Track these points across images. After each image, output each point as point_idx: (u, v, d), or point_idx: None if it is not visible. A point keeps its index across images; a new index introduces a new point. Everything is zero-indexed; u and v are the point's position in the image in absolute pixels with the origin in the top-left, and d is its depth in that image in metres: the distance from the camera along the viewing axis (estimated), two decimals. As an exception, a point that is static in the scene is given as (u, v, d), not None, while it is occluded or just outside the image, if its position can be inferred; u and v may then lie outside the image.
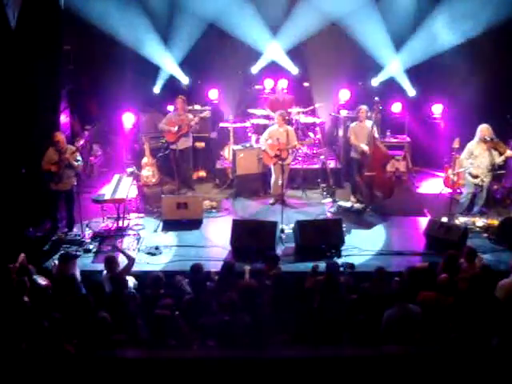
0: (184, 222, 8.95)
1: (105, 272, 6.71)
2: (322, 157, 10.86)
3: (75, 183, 8.65)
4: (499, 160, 8.87)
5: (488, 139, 8.74)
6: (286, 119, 9.90)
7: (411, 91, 11.65)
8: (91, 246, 8.27)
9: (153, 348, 5.08)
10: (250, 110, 11.51)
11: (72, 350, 5.08)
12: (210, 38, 11.58)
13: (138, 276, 6.97)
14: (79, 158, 8.61)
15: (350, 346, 5.34)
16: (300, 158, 10.84)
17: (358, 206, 9.62)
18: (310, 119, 11.30)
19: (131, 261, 6.82)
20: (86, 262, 7.86)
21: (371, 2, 11.17)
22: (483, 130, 8.81)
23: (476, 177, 8.88)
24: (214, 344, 5.11)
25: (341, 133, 11.29)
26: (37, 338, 5.16)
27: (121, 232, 8.69)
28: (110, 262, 6.64)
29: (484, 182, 8.94)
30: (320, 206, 9.89)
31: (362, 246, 8.31)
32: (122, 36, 11.02)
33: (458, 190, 9.50)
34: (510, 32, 10.34)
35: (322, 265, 6.81)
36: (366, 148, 9.28)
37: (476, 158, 8.86)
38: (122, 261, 6.95)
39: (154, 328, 5.31)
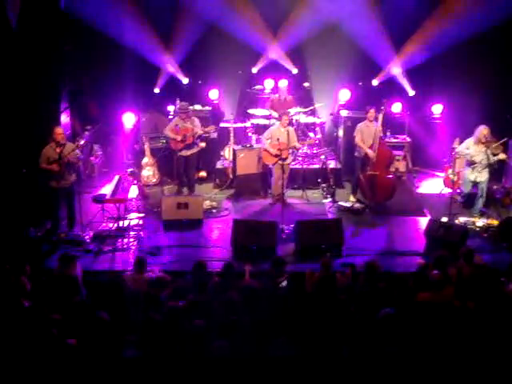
0: (184, 222, 8.96)
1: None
2: (322, 157, 10.87)
3: (75, 179, 8.64)
4: (492, 160, 8.93)
5: (488, 139, 8.83)
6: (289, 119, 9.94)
7: (411, 91, 11.67)
8: (91, 246, 8.27)
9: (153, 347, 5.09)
10: (250, 110, 11.52)
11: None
12: (210, 37, 11.59)
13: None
14: (77, 152, 8.55)
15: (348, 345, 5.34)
16: (300, 158, 10.84)
17: (357, 205, 9.62)
18: (310, 119, 11.31)
19: None
20: (86, 262, 7.85)
21: (371, 2, 11.18)
22: (482, 131, 8.87)
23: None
24: (226, 344, 5.12)
25: (341, 133, 11.31)
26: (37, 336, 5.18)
27: (121, 232, 8.69)
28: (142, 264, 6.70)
29: (482, 181, 9.01)
30: (320, 205, 9.90)
31: (362, 246, 8.31)
32: (122, 36, 11.04)
33: (458, 190, 9.52)
34: (509, 31, 10.36)
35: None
36: (370, 152, 9.26)
37: (472, 158, 8.95)
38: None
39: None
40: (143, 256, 7.25)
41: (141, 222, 9.13)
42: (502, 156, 8.96)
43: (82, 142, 9.52)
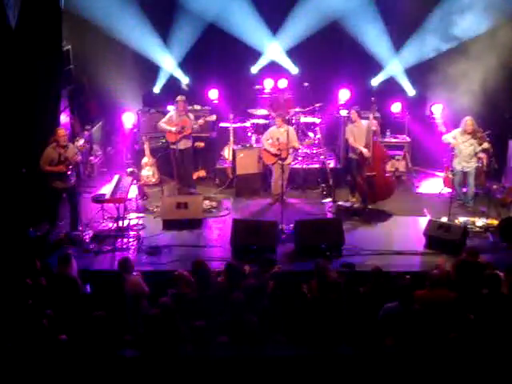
0: (184, 222, 8.95)
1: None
2: (322, 157, 10.86)
3: (76, 179, 8.68)
4: (478, 150, 9.33)
5: (473, 129, 9.21)
6: (285, 119, 9.91)
7: (411, 91, 11.67)
8: (91, 246, 8.26)
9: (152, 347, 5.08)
10: (250, 110, 11.51)
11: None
12: (210, 37, 11.59)
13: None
14: (77, 151, 8.63)
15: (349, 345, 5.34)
16: (300, 158, 10.84)
17: (357, 205, 9.61)
18: (309, 119, 11.31)
19: None
20: (85, 262, 7.85)
21: (371, 1, 11.18)
22: (467, 122, 9.25)
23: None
24: (226, 340, 5.12)
25: (341, 133, 11.29)
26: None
27: (121, 232, 8.67)
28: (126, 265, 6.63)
29: (469, 171, 9.39)
30: (320, 205, 9.89)
31: (362, 245, 8.29)
32: (122, 36, 11.05)
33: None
34: (509, 31, 10.35)
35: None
36: (364, 150, 9.27)
37: (458, 146, 9.31)
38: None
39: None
40: (127, 256, 7.17)
41: (141, 221, 9.12)
42: (485, 145, 9.29)
43: (81, 142, 9.53)
